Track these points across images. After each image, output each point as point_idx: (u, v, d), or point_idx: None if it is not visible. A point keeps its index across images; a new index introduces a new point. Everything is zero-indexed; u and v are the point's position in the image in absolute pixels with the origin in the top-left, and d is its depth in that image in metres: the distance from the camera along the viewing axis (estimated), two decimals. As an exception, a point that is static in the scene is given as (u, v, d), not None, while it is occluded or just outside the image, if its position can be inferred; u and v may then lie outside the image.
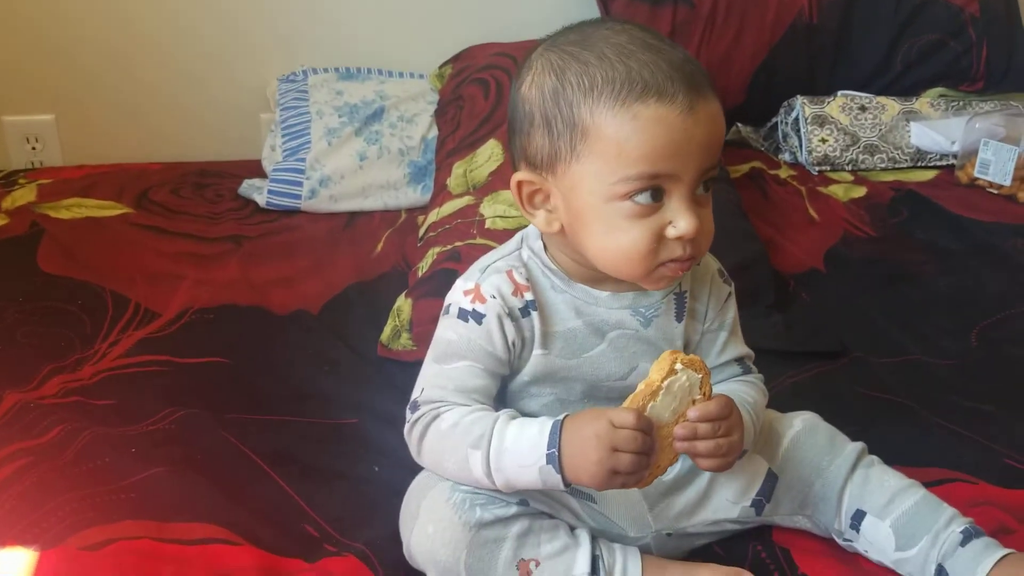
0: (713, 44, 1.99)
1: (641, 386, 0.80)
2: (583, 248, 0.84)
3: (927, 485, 0.94)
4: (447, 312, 0.88)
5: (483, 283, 0.87)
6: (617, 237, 0.80)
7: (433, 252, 1.41)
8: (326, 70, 1.93)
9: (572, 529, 0.88)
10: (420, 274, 1.39)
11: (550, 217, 0.85)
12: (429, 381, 0.88)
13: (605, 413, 0.79)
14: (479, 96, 1.70)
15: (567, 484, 0.80)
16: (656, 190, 0.79)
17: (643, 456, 0.78)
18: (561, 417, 0.81)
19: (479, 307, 0.86)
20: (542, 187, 0.84)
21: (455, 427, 0.84)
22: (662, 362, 0.80)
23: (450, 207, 1.49)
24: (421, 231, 1.52)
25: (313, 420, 1.16)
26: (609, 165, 0.79)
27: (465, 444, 0.83)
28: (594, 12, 1.96)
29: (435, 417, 0.85)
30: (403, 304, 1.35)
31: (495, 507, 0.85)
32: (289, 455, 1.08)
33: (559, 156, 0.81)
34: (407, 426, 0.88)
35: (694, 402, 0.80)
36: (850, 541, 0.92)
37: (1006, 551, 0.86)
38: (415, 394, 0.88)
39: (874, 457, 0.94)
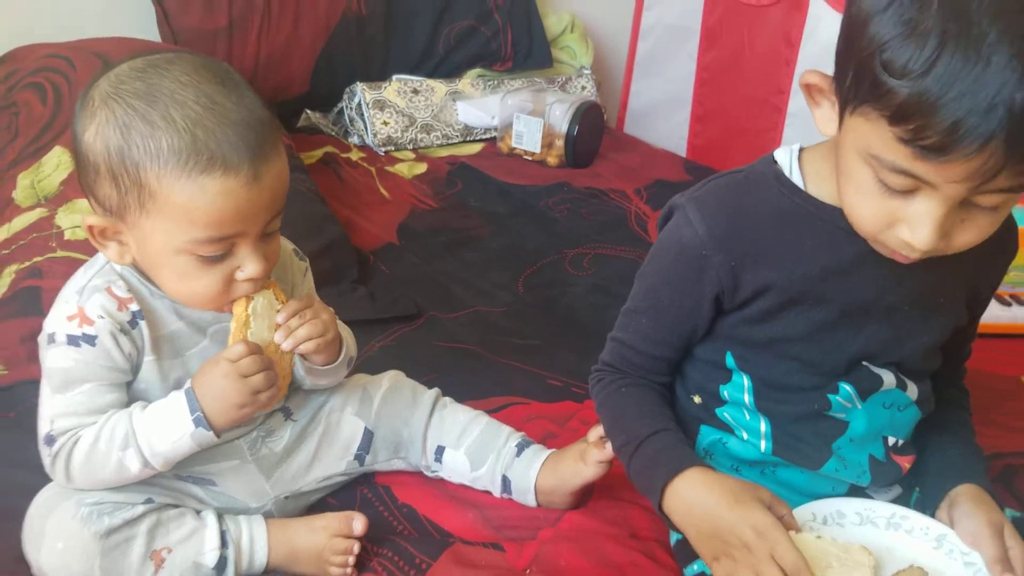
0: (272, 35, 2.08)
1: (232, 325, 0.90)
2: (158, 283, 0.90)
3: (491, 411, 1.16)
4: (52, 342, 0.88)
5: (86, 305, 0.88)
6: (189, 283, 0.87)
7: (10, 271, 1.36)
8: None
9: (199, 513, 0.95)
10: (-1, 295, 1.35)
11: (122, 250, 0.88)
12: (58, 411, 0.89)
13: (218, 357, 0.88)
14: (36, 101, 1.64)
15: (219, 435, 0.89)
16: (224, 245, 0.85)
17: (269, 371, 0.89)
18: (187, 385, 0.89)
19: (88, 329, 0.87)
20: (114, 227, 0.87)
21: (97, 441, 0.87)
22: (239, 302, 0.90)
23: (22, 221, 1.44)
24: (-8, 249, 1.46)
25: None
26: (179, 227, 0.83)
27: (114, 450, 0.87)
28: (148, 8, 1.96)
29: (75, 442, 0.88)
30: (-16, 328, 1.30)
31: (122, 512, 0.90)
32: None
33: (128, 208, 0.84)
34: (48, 461, 0.89)
35: (278, 311, 0.92)
36: (436, 472, 1.11)
37: (549, 451, 1.09)
38: (45, 428, 0.89)
39: (447, 399, 1.14)
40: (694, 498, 0.86)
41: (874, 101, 0.72)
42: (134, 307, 0.90)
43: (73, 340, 0.87)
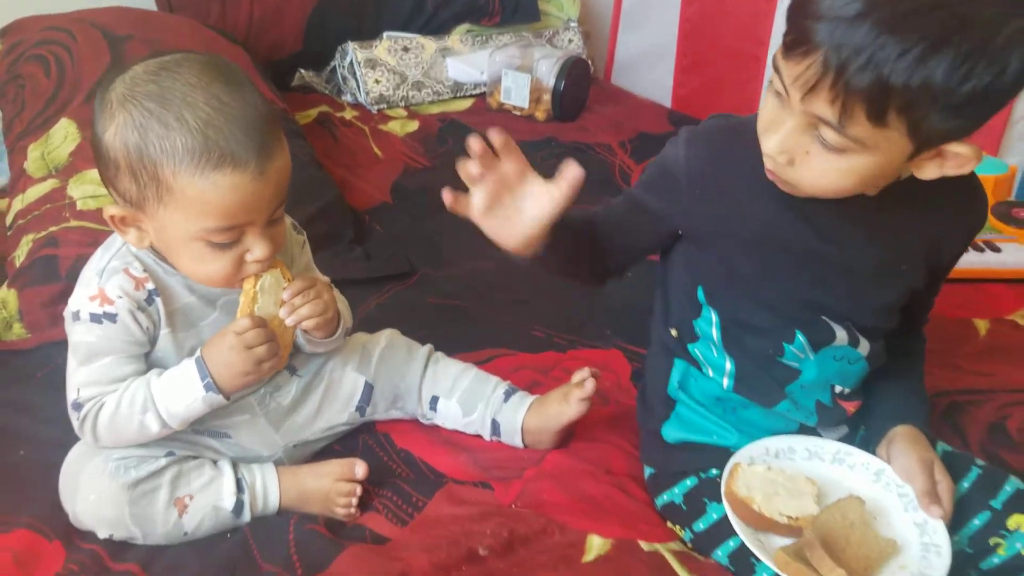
0: (265, -2, 2.14)
1: (241, 299, 0.99)
2: (176, 266, 0.98)
3: (480, 363, 1.26)
4: (77, 319, 0.97)
5: (106, 286, 0.96)
6: (203, 266, 0.96)
7: (27, 240, 1.44)
8: None
9: (216, 463, 1.06)
10: (18, 264, 1.42)
11: (141, 235, 0.96)
12: (83, 381, 0.98)
13: (226, 330, 0.97)
14: (40, 74, 1.70)
15: (228, 397, 0.99)
16: (233, 233, 0.94)
17: (272, 343, 0.98)
18: (198, 354, 0.98)
19: (109, 308, 0.96)
20: (133, 216, 0.95)
21: (119, 406, 0.97)
22: (248, 279, 0.99)
23: (35, 192, 1.52)
24: (9, 219, 1.53)
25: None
26: (192, 217, 0.91)
27: (135, 414, 0.97)
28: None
29: (100, 408, 0.97)
30: (7, 295, 1.39)
31: (147, 465, 1.00)
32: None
33: (147, 201, 0.92)
34: (76, 424, 0.99)
35: (284, 288, 1.01)
36: (431, 419, 1.21)
37: (534, 397, 1.19)
38: (72, 396, 0.99)
39: (439, 354, 1.24)
40: None
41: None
42: (150, 285, 0.98)
43: (96, 318, 0.96)
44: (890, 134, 0.81)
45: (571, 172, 0.90)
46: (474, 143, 0.89)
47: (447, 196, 0.93)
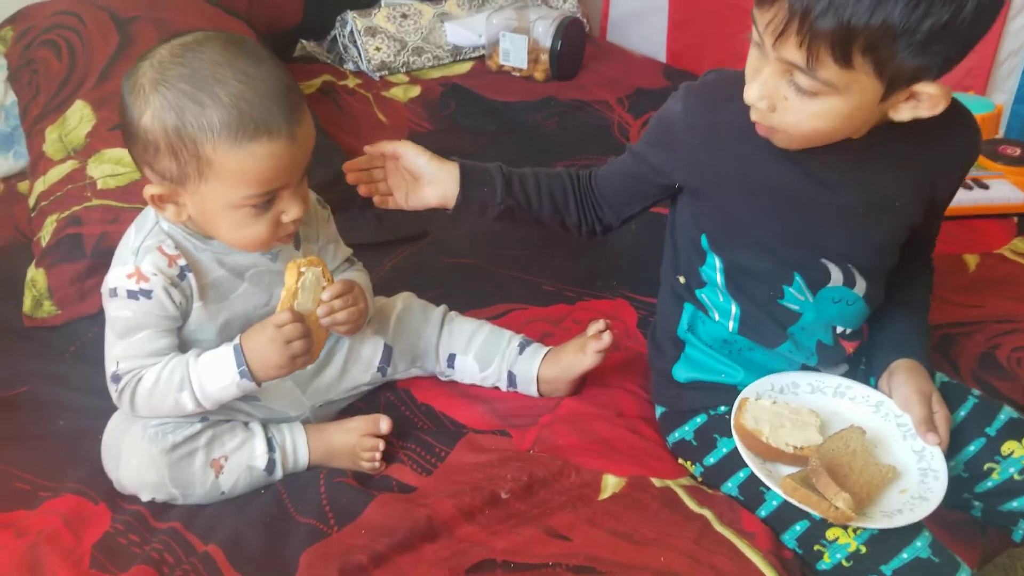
0: (260, -32, 2.16)
1: (283, 293, 1.04)
2: (215, 235, 1.03)
3: (494, 318, 1.32)
4: (115, 295, 1.01)
5: (141, 264, 1.00)
6: (244, 231, 1.01)
7: (52, 220, 1.49)
8: None
9: (247, 425, 1.11)
10: (44, 244, 1.47)
11: (179, 210, 1.01)
12: (122, 354, 1.03)
13: (266, 322, 1.02)
14: (52, 59, 1.73)
15: (259, 385, 1.04)
16: (270, 196, 0.99)
17: (307, 339, 1.03)
18: (236, 341, 1.03)
19: (144, 285, 1.00)
20: (172, 193, 0.99)
21: (157, 382, 1.02)
22: (290, 271, 1.04)
23: (56, 174, 1.56)
24: (31, 201, 1.58)
25: (-15, 399, 1.24)
26: (234, 187, 0.96)
27: (171, 391, 1.01)
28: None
29: (138, 380, 1.02)
30: (36, 275, 1.44)
31: (183, 430, 1.06)
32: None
33: (188, 177, 0.96)
34: (115, 395, 1.04)
35: (324, 288, 1.06)
36: (449, 376, 1.26)
37: (547, 348, 1.24)
38: (112, 368, 1.03)
39: (453, 313, 1.29)
40: None
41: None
42: (182, 262, 1.03)
43: (132, 295, 1.01)
44: (858, 75, 0.85)
45: None
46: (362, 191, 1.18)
47: (377, 201, 1.19)
